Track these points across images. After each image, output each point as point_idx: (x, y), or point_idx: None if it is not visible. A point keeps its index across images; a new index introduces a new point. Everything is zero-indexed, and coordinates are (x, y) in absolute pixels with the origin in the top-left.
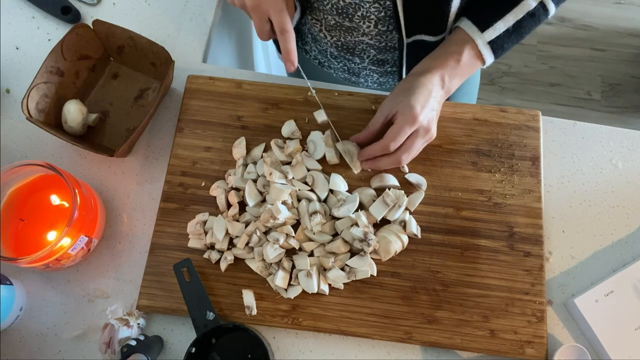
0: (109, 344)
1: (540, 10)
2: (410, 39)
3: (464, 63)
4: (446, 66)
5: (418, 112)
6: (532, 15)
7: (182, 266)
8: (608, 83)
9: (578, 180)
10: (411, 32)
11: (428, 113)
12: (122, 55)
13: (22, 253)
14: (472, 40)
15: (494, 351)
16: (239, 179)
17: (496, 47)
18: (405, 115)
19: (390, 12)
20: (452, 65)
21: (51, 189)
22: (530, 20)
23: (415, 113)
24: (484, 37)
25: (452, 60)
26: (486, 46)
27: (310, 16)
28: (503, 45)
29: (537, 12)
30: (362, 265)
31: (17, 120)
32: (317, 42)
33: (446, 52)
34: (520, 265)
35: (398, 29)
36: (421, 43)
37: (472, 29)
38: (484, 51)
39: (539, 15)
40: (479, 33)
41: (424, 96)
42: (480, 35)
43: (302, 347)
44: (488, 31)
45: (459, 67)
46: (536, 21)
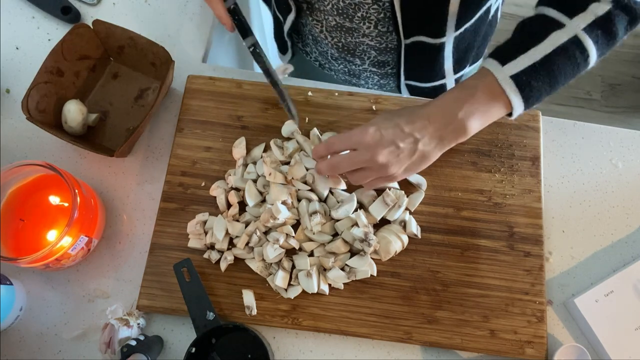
0: (109, 344)
1: (574, 47)
2: (409, 40)
3: (480, 98)
4: (458, 100)
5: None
6: (564, 50)
7: (182, 266)
8: (608, 83)
9: (578, 180)
10: (409, 33)
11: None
12: (122, 55)
13: (22, 253)
14: (491, 73)
15: (494, 351)
16: (239, 179)
17: (522, 83)
18: (358, 129)
19: (389, 12)
20: (465, 98)
21: (51, 189)
22: (563, 57)
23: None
24: (505, 70)
25: (466, 94)
26: (508, 81)
27: (311, 17)
28: (530, 82)
29: (571, 48)
30: (362, 265)
31: (17, 120)
32: (317, 43)
33: (462, 85)
34: (520, 265)
35: (396, 30)
36: (420, 45)
37: (492, 64)
38: (506, 86)
39: (574, 53)
40: (499, 66)
41: (394, 124)
42: (500, 68)
43: (302, 347)
44: (510, 64)
45: (474, 103)
46: (572, 60)
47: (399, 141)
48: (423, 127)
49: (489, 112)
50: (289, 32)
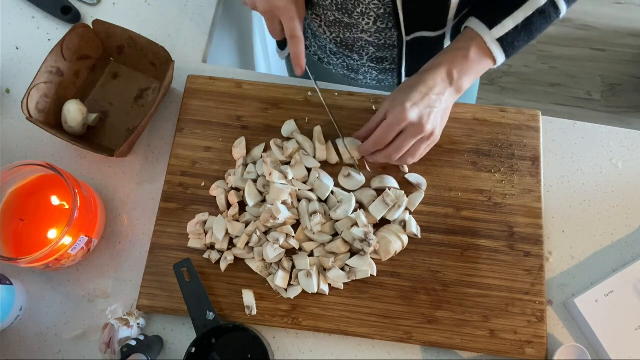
0: (109, 344)
1: (550, 8)
2: (410, 36)
3: (473, 59)
4: (454, 62)
5: (407, 109)
6: (542, 12)
7: (182, 266)
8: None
9: (578, 180)
10: (411, 30)
11: (421, 110)
12: (122, 55)
13: (22, 253)
14: (480, 37)
15: (494, 351)
16: (239, 179)
17: (506, 44)
18: (394, 113)
19: (389, 9)
20: (460, 61)
21: (51, 189)
22: (541, 18)
23: (404, 110)
24: (492, 34)
25: (459, 56)
26: (495, 43)
27: (311, 11)
28: (513, 42)
29: (548, 9)
30: (362, 265)
31: (17, 120)
32: (316, 37)
33: (453, 48)
34: (520, 265)
35: (397, 27)
36: (421, 40)
37: (480, 27)
38: (493, 48)
39: (550, 13)
40: (487, 30)
41: (419, 94)
42: (488, 32)
43: (302, 347)
44: (496, 28)
45: (467, 63)
46: (547, 19)
47: (432, 105)
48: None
49: (478, 70)
50: None
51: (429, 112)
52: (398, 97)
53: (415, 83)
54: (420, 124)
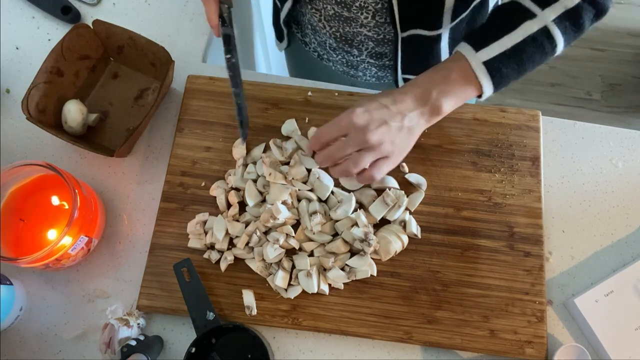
0: (109, 344)
1: (544, 37)
2: (405, 33)
3: (455, 80)
4: (432, 81)
5: (356, 113)
6: (534, 40)
7: (182, 266)
8: (608, 83)
9: (578, 180)
10: (406, 26)
11: (370, 119)
12: (122, 55)
13: (22, 253)
14: (465, 58)
15: (494, 351)
16: (239, 179)
17: (493, 70)
18: (345, 113)
19: (387, 4)
20: (440, 81)
21: (51, 189)
22: (532, 46)
23: (353, 113)
24: (478, 56)
25: (440, 76)
26: (480, 66)
27: (310, 5)
28: (501, 68)
29: (540, 38)
30: (362, 265)
31: (17, 120)
32: (316, 33)
33: (435, 69)
34: (520, 265)
35: (393, 22)
36: (417, 38)
37: (466, 48)
38: (479, 72)
39: (542, 42)
40: (472, 52)
41: (379, 104)
42: (474, 54)
43: (302, 347)
44: (483, 50)
45: (448, 84)
46: (540, 49)
47: (387, 118)
48: (406, 105)
49: (461, 94)
50: (287, 21)
51: (378, 124)
52: (360, 101)
53: (383, 95)
54: (364, 131)
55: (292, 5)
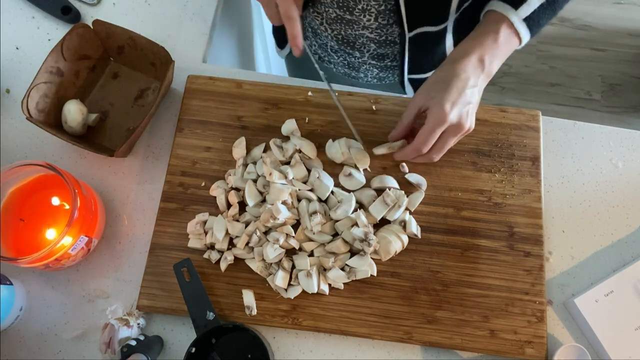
0: (109, 344)
1: None
2: (413, 32)
3: (502, 42)
4: (484, 46)
5: (448, 111)
6: None
7: (182, 266)
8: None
9: (578, 180)
10: (413, 26)
11: (460, 109)
12: (122, 55)
13: (22, 253)
14: (507, 18)
15: (494, 351)
16: (239, 179)
17: (532, 23)
18: (436, 116)
19: (390, 5)
20: (490, 45)
21: (51, 189)
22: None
23: (445, 113)
24: (519, 14)
25: (490, 39)
26: (522, 23)
27: (312, 9)
28: (539, 21)
29: None
30: (362, 265)
31: (17, 120)
32: (317, 35)
33: (482, 33)
34: (520, 265)
35: (400, 23)
36: (423, 35)
37: (505, 8)
38: (521, 28)
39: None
40: (513, 10)
41: (457, 90)
42: (514, 12)
43: (302, 347)
44: (522, 7)
45: (497, 47)
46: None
47: (469, 99)
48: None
49: (506, 52)
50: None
51: (467, 110)
52: (434, 95)
53: (448, 77)
54: (460, 123)
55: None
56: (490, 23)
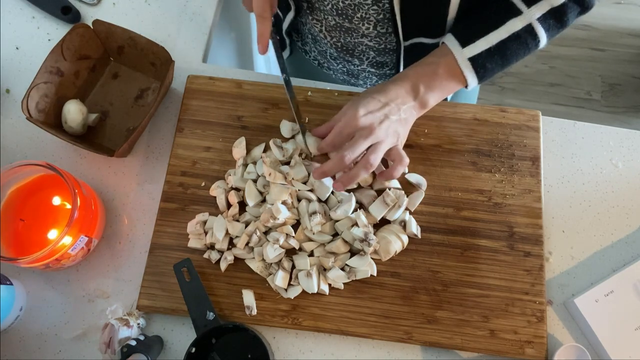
0: (109, 344)
1: (527, 35)
2: (408, 42)
3: (441, 75)
4: (421, 76)
5: (360, 114)
6: (518, 37)
7: (182, 266)
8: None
9: (578, 180)
10: (409, 35)
11: (374, 117)
12: (122, 55)
13: (22, 253)
14: (452, 54)
15: (494, 351)
16: (239, 179)
17: (478, 65)
18: (347, 115)
19: (388, 14)
20: (428, 75)
21: (51, 189)
22: (516, 43)
23: (357, 115)
24: (464, 52)
25: (428, 70)
26: (466, 62)
27: (311, 16)
28: (485, 64)
29: (524, 35)
30: (362, 265)
31: (17, 120)
32: (317, 42)
33: (424, 62)
34: (520, 265)
35: (395, 32)
36: (419, 46)
37: (453, 43)
38: (464, 67)
39: (526, 39)
40: (459, 48)
41: (377, 102)
42: (460, 50)
43: (302, 347)
44: (469, 47)
45: (436, 79)
46: (524, 46)
47: (387, 113)
48: (401, 99)
49: (446, 88)
50: (288, 30)
51: (381, 120)
52: (357, 101)
53: (377, 91)
54: (371, 127)
55: (295, 15)
56: (437, 55)
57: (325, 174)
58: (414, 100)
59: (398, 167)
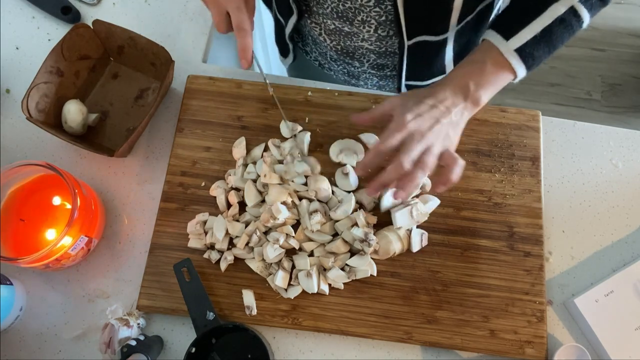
0: (109, 344)
1: (571, 17)
2: (412, 41)
3: (489, 71)
4: (469, 75)
5: (408, 119)
6: (562, 21)
7: (182, 266)
8: (608, 83)
9: (578, 180)
10: (412, 34)
11: (424, 121)
12: (122, 55)
13: (22, 253)
14: (497, 48)
15: (494, 351)
16: (239, 179)
17: (525, 55)
18: (396, 122)
19: (391, 16)
20: (476, 73)
21: (51, 189)
22: (561, 27)
23: (405, 120)
24: (509, 45)
25: (476, 69)
26: (512, 54)
27: (310, 20)
28: (533, 53)
29: (568, 18)
30: (362, 264)
31: (17, 120)
32: (317, 44)
33: (469, 61)
34: (520, 265)
35: (399, 33)
36: (423, 44)
37: (496, 38)
38: (511, 59)
39: (571, 22)
40: (503, 41)
41: (426, 105)
42: (505, 43)
43: (302, 347)
44: (513, 39)
45: (484, 76)
46: (568, 28)
47: (438, 116)
48: (450, 101)
49: (497, 83)
50: (290, 35)
51: (431, 124)
52: (404, 105)
53: (425, 94)
54: (421, 133)
55: (297, 20)
56: (481, 51)
57: (383, 185)
58: (464, 100)
59: (454, 169)
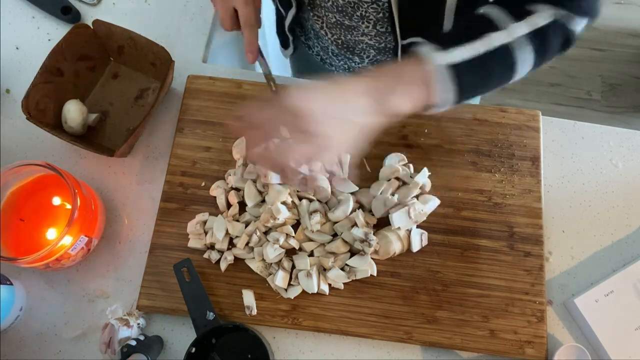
0: (109, 344)
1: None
2: (406, 41)
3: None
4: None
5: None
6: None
7: (182, 266)
8: (608, 83)
9: (578, 180)
10: (406, 34)
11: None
12: (122, 55)
13: (22, 253)
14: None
15: (494, 351)
16: (239, 179)
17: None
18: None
19: (387, 14)
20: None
21: (51, 189)
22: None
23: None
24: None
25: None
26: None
27: (312, 12)
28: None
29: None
30: (362, 264)
31: (17, 120)
32: (319, 38)
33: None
34: (520, 265)
35: (393, 31)
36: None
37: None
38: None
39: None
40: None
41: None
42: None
43: (302, 347)
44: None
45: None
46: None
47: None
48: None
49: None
50: (291, 27)
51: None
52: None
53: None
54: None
55: (296, 12)
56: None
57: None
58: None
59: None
